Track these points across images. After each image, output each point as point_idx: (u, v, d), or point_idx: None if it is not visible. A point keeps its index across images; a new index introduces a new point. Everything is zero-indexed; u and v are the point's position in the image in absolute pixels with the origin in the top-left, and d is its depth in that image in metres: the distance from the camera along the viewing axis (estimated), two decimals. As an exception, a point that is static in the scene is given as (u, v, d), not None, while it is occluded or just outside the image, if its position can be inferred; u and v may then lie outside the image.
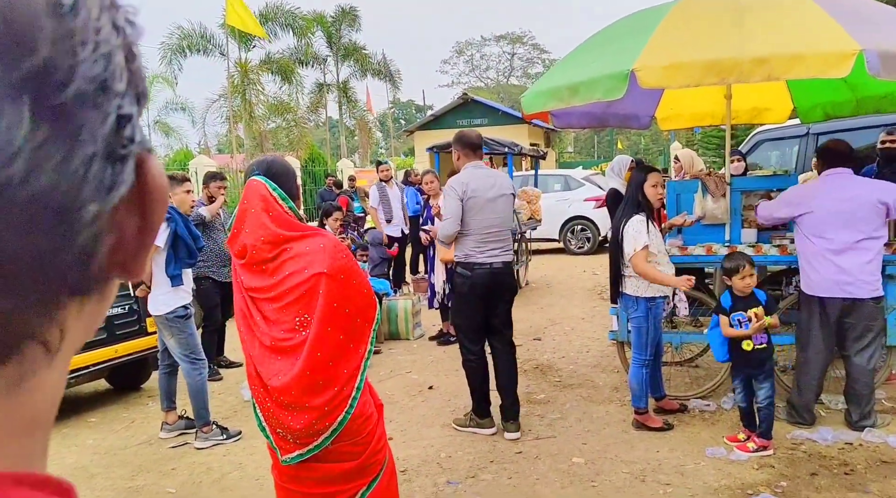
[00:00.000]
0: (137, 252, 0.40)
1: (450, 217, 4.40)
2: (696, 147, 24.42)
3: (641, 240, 4.21)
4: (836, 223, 4.12)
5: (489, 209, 4.41)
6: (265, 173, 2.66)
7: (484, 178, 4.47)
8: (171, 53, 21.02)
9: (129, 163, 0.38)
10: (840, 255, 4.11)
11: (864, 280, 4.09)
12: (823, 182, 4.28)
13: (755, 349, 4.08)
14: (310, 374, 2.56)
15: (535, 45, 58.23)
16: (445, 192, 4.52)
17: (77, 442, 4.91)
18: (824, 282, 4.18)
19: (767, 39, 3.70)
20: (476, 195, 4.37)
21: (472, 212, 4.39)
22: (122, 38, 0.37)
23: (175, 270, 4.61)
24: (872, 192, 4.09)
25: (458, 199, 4.37)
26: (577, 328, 7.64)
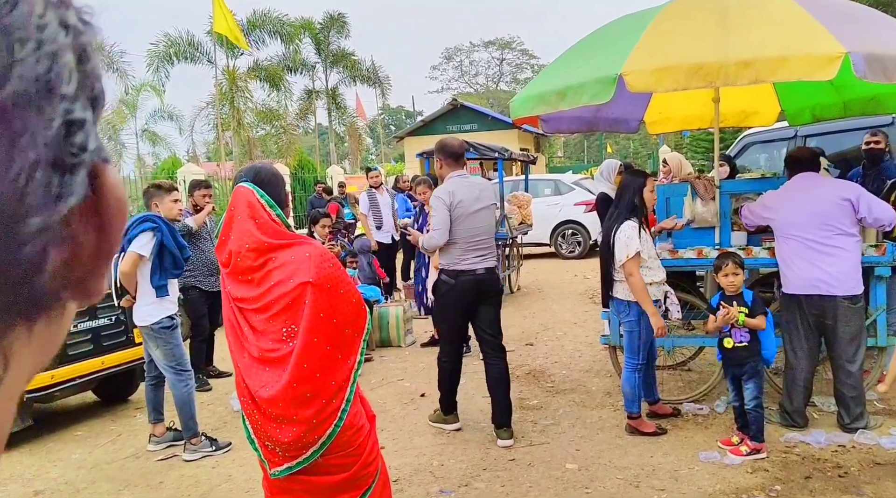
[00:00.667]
0: (95, 268, 0.37)
1: (439, 228, 4.41)
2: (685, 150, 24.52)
3: (633, 246, 4.19)
4: (807, 222, 4.21)
5: (474, 218, 4.45)
6: (253, 180, 2.63)
7: (469, 187, 4.50)
8: (158, 61, 20.91)
9: (80, 172, 0.35)
10: (814, 253, 4.19)
11: (838, 278, 4.13)
12: (792, 184, 4.41)
13: (735, 347, 4.09)
14: (296, 385, 2.52)
15: (523, 50, 58.42)
16: (433, 203, 4.53)
17: (62, 456, 4.83)
18: (800, 280, 4.24)
19: (752, 43, 3.70)
20: (462, 205, 4.40)
21: (459, 221, 4.41)
22: (74, 38, 0.35)
23: (160, 280, 4.55)
24: (834, 190, 4.25)
25: (446, 210, 4.39)
26: (569, 333, 7.61)
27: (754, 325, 4.03)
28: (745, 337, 4.06)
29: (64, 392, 5.30)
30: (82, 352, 5.29)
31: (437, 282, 4.66)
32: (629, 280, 4.22)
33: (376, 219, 9.67)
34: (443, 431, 4.79)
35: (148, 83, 26.15)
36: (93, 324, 5.39)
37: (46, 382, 4.99)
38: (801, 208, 4.20)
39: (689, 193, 5.22)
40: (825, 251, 4.13)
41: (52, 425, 5.47)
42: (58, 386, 5.11)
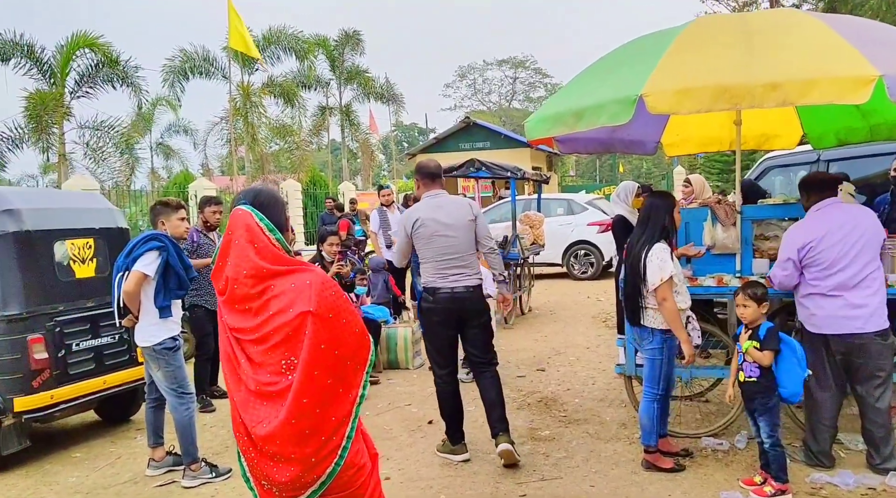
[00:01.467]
0: None
1: (395, 252, 4.75)
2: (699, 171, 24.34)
3: (668, 269, 4.03)
4: (842, 257, 3.96)
5: (444, 238, 4.48)
6: (252, 203, 2.49)
7: (437, 207, 4.56)
8: (173, 76, 21.03)
9: None
10: (848, 289, 3.94)
11: (868, 313, 3.92)
12: (820, 216, 4.12)
13: (746, 381, 3.91)
14: (295, 422, 2.36)
15: (537, 69, 58.56)
16: (398, 226, 4.79)
17: (59, 480, 4.69)
18: (829, 319, 4.00)
19: (780, 64, 3.55)
20: (424, 225, 4.50)
21: (422, 241, 4.51)
22: None
23: (164, 301, 4.43)
24: (870, 216, 4.07)
25: (405, 234, 4.59)
26: (581, 358, 7.42)
27: (757, 358, 3.84)
28: (755, 371, 3.87)
29: (64, 412, 5.18)
30: (84, 371, 5.17)
31: (420, 300, 4.77)
32: (662, 305, 4.04)
33: (386, 237, 9.56)
34: (451, 461, 4.62)
35: (164, 98, 26.34)
36: (95, 342, 5.27)
37: (46, 402, 4.88)
38: (840, 240, 3.96)
39: (709, 218, 5.06)
40: (859, 284, 3.93)
41: (51, 446, 5.33)
42: (58, 406, 4.99)
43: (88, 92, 17.88)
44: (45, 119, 16.65)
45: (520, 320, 9.74)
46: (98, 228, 5.50)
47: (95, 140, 17.78)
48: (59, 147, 17.36)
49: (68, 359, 5.05)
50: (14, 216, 4.89)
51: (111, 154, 18.04)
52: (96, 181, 14.65)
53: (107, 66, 17.68)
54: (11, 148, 17.25)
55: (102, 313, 5.18)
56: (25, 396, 4.76)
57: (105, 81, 17.95)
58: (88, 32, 17.21)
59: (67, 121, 17.49)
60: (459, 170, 9.19)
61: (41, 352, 4.85)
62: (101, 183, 15.93)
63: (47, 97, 16.68)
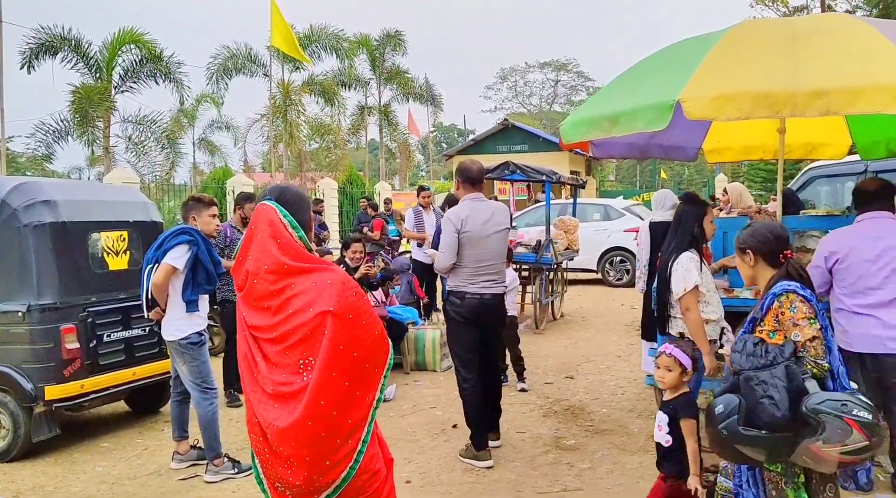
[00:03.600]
0: None
1: (444, 251, 4.58)
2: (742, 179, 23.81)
3: (692, 279, 3.90)
4: (875, 274, 3.77)
5: (483, 244, 4.54)
6: (277, 199, 2.47)
7: (481, 211, 4.58)
8: (217, 74, 21.36)
9: None
10: (881, 308, 3.76)
11: None
12: (856, 228, 3.95)
13: None
14: (311, 424, 2.33)
15: (579, 72, 58.00)
16: (443, 225, 4.68)
17: (86, 469, 4.76)
18: (864, 338, 3.82)
19: (825, 71, 3.40)
20: (471, 230, 4.52)
21: (467, 246, 4.51)
22: None
23: (192, 295, 4.46)
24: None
25: (454, 233, 4.50)
26: (612, 367, 7.29)
27: None
28: None
29: (94, 402, 5.27)
30: (114, 362, 5.24)
31: (446, 304, 4.74)
32: (686, 315, 3.91)
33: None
34: (473, 467, 4.56)
35: (207, 95, 26.78)
36: (126, 334, 5.34)
37: (77, 392, 4.96)
38: (872, 256, 3.78)
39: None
40: (893, 302, 3.76)
41: (80, 435, 5.42)
42: (88, 395, 5.07)
43: (132, 87, 18.28)
44: (91, 113, 17.04)
45: (551, 326, 9.62)
46: (132, 221, 5.58)
47: (137, 134, 18.20)
48: (103, 140, 17.76)
49: (99, 349, 5.12)
50: (51, 207, 4.98)
51: (152, 148, 18.42)
52: (137, 175, 14.94)
53: (150, 62, 18.03)
54: (57, 140, 17.71)
55: (134, 305, 5.23)
56: (57, 384, 4.84)
57: (148, 77, 18.32)
58: (134, 28, 17.59)
59: (112, 115, 17.88)
60: (494, 172, 9.12)
61: (73, 342, 4.93)
62: (141, 177, 16.27)
63: (93, 91, 17.06)
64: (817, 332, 2.54)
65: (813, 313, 2.58)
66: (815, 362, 2.51)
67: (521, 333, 7.16)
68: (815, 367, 2.50)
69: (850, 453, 2.30)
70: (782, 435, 2.39)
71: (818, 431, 2.33)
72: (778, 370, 2.44)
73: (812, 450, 2.35)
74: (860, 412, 2.33)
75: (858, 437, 2.28)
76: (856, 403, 2.36)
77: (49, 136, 17.66)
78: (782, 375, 2.42)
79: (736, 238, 3.04)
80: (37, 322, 4.82)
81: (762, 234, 2.87)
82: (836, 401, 2.37)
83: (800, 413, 2.37)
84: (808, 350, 2.52)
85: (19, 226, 4.86)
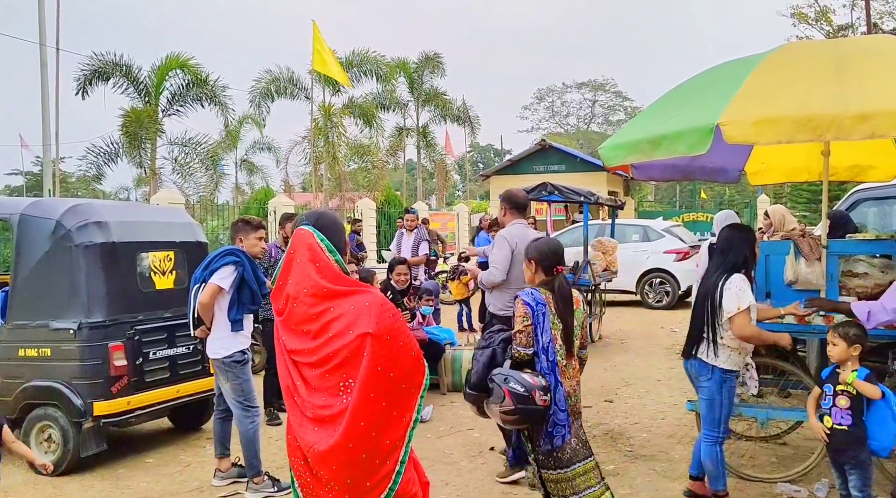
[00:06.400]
0: None
1: (498, 266, 4.70)
2: (785, 200, 23.34)
3: (746, 298, 3.87)
4: None
5: None
6: (314, 224, 2.56)
7: (529, 235, 4.69)
8: (259, 97, 21.88)
9: None
10: None
11: None
12: None
13: (833, 429, 3.65)
14: (352, 445, 2.37)
15: (616, 92, 57.82)
16: (497, 241, 4.83)
17: (131, 484, 4.87)
18: None
19: (872, 94, 3.35)
20: (521, 251, 4.57)
21: (517, 264, 4.57)
22: None
23: (237, 314, 4.56)
24: None
25: (508, 250, 4.64)
26: (652, 391, 7.18)
27: (866, 390, 3.55)
28: (847, 419, 3.61)
29: (139, 418, 5.38)
30: (159, 379, 5.37)
31: (490, 325, 4.68)
32: (740, 332, 3.84)
33: None
34: (511, 491, 4.53)
35: (250, 116, 27.40)
36: (171, 352, 5.47)
37: (123, 408, 5.08)
38: None
39: (791, 252, 4.81)
40: None
41: (126, 450, 5.54)
42: (134, 412, 5.19)
43: (179, 110, 18.87)
44: (139, 135, 17.61)
45: (589, 348, 9.48)
46: (179, 242, 5.74)
47: (183, 156, 18.73)
48: (151, 162, 18.31)
49: (145, 367, 5.25)
50: (103, 228, 5.15)
51: (197, 169, 18.92)
52: (182, 195, 15.33)
53: (196, 86, 18.61)
54: (107, 162, 18.33)
55: (179, 324, 5.36)
56: (105, 400, 4.97)
57: (194, 100, 18.90)
58: (181, 54, 18.17)
59: (159, 137, 18.45)
60: (532, 193, 9.12)
61: (121, 359, 5.06)
62: (186, 197, 16.69)
63: (142, 114, 17.65)
64: (524, 327, 3.36)
65: (527, 314, 3.37)
66: (517, 349, 3.36)
67: (559, 356, 7.11)
68: (517, 352, 3.35)
69: (507, 414, 3.21)
70: (478, 394, 3.35)
71: (491, 393, 3.28)
72: (487, 351, 3.40)
73: (488, 406, 3.30)
74: (515, 386, 3.20)
75: (508, 402, 3.19)
76: (515, 379, 3.23)
77: (100, 158, 18.30)
78: (487, 355, 3.39)
79: (526, 249, 3.71)
80: (86, 339, 4.97)
81: (543, 250, 3.57)
82: (502, 375, 3.26)
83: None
84: (515, 339, 3.37)
85: (71, 246, 5.03)
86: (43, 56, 12.83)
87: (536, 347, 3.34)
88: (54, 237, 5.07)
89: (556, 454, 3.34)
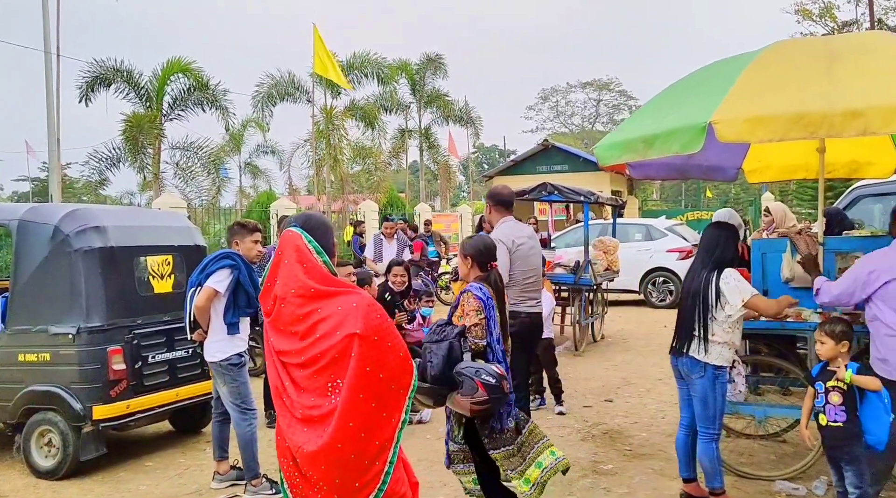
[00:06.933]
0: None
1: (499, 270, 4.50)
2: (791, 197, 23.24)
3: (748, 288, 3.92)
4: None
5: (528, 262, 4.77)
6: (302, 226, 2.57)
7: (521, 229, 4.86)
8: (262, 101, 21.95)
9: None
10: None
11: None
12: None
13: (827, 426, 3.64)
14: (340, 446, 2.38)
15: (621, 91, 57.75)
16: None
17: (130, 487, 4.88)
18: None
19: (863, 90, 3.33)
20: (519, 248, 4.70)
21: (518, 262, 4.68)
22: None
23: (233, 317, 4.57)
24: None
25: (506, 252, 4.59)
26: (653, 390, 7.17)
27: (863, 383, 3.55)
28: (841, 416, 3.60)
29: (138, 422, 5.39)
30: (158, 382, 5.38)
31: None
32: (767, 315, 4.03)
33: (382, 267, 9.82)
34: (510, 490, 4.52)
35: (253, 119, 27.48)
36: (170, 355, 5.48)
37: (122, 412, 5.10)
38: None
39: (787, 249, 4.80)
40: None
41: (126, 454, 5.56)
42: (133, 415, 5.21)
43: (180, 114, 18.96)
44: (141, 140, 17.68)
45: (591, 348, 9.52)
46: (177, 246, 5.76)
47: (184, 160, 18.80)
48: (153, 167, 18.38)
49: (144, 370, 5.27)
50: (101, 233, 5.17)
51: (198, 173, 18.99)
52: (184, 199, 15.39)
53: (198, 90, 18.67)
54: (109, 167, 18.41)
55: (178, 328, 5.38)
56: (104, 404, 4.99)
57: (195, 104, 18.96)
58: (182, 58, 18.25)
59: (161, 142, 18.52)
60: (531, 193, 9.12)
61: (119, 363, 5.08)
62: (188, 201, 16.75)
63: (143, 120, 17.72)
64: (479, 320, 3.48)
65: (480, 307, 3.50)
66: (474, 341, 3.44)
67: (559, 356, 7.11)
68: (474, 344, 3.43)
69: (478, 404, 3.25)
70: (439, 387, 3.33)
71: (460, 386, 3.28)
72: (443, 344, 3.37)
73: (455, 399, 3.31)
74: (487, 377, 3.28)
75: (482, 393, 3.25)
76: (486, 371, 3.31)
77: (102, 163, 18.39)
78: (445, 348, 3.35)
79: (461, 246, 3.87)
80: (85, 344, 4.99)
81: (477, 247, 3.76)
82: (472, 368, 3.32)
83: (453, 374, 3.30)
84: (472, 332, 3.45)
85: (70, 251, 5.05)
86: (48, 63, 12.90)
87: (489, 339, 3.49)
88: (53, 242, 5.10)
89: (505, 434, 3.50)
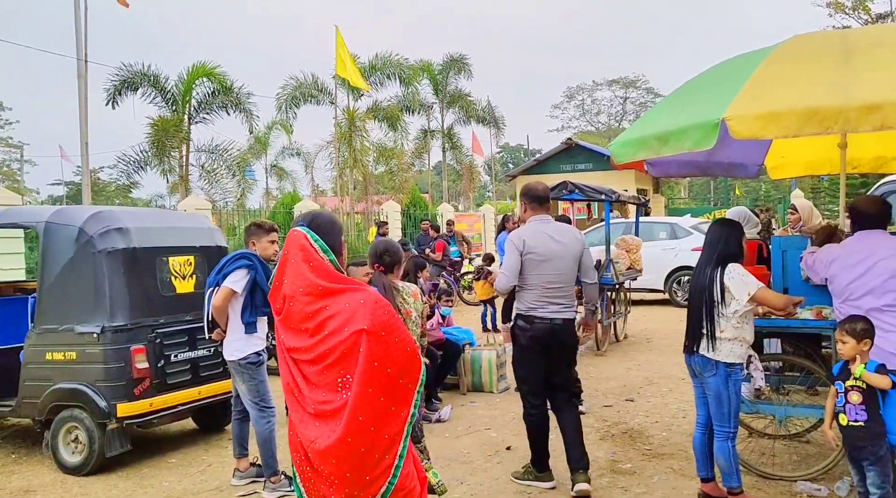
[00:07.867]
0: None
1: (506, 272, 4.48)
2: (823, 194, 22.81)
3: (753, 281, 3.89)
4: (858, 288, 3.82)
5: (549, 266, 4.40)
6: (309, 225, 2.60)
7: (546, 232, 4.48)
8: (286, 104, 22.17)
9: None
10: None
11: (889, 352, 3.64)
12: (848, 242, 4.04)
13: (848, 426, 3.59)
14: (351, 440, 2.41)
15: (648, 88, 57.12)
16: (506, 246, 4.56)
17: (154, 483, 4.98)
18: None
19: (881, 84, 3.27)
20: (534, 251, 4.40)
21: (530, 267, 4.40)
22: None
23: (250, 317, 4.64)
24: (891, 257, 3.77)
25: (516, 254, 4.40)
26: (675, 390, 7.10)
27: (875, 381, 3.50)
28: (862, 415, 3.54)
29: (162, 419, 5.49)
30: (181, 381, 5.47)
31: (514, 328, 4.60)
32: (775, 308, 3.97)
33: None
34: (526, 490, 4.53)
35: (279, 121, 27.75)
36: (192, 354, 5.57)
37: (146, 409, 5.20)
38: (853, 271, 3.83)
39: (809, 247, 4.73)
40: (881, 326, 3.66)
41: (150, 450, 5.67)
42: (156, 413, 5.30)
43: (205, 118, 19.23)
44: (167, 144, 17.97)
45: (613, 347, 9.46)
46: (198, 247, 5.85)
47: (210, 163, 19.08)
48: (179, 169, 18.67)
49: (167, 369, 5.36)
50: (124, 234, 5.28)
51: (223, 175, 19.25)
52: (208, 201, 15.61)
53: (222, 94, 18.93)
54: (136, 170, 18.77)
55: (199, 327, 5.41)
56: (128, 402, 5.09)
57: (220, 108, 19.24)
58: (207, 62, 18.51)
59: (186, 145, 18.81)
60: (552, 192, 9.07)
61: (143, 361, 5.18)
62: (213, 203, 16.98)
63: (169, 123, 18.02)
64: None
65: None
66: None
67: (581, 355, 7.06)
68: None
69: None
70: None
71: None
72: None
73: None
74: None
75: None
76: None
77: (130, 167, 18.72)
78: None
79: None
80: (109, 343, 5.10)
81: (374, 249, 4.15)
82: None
83: None
84: None
85: (94, 252, 5.17)
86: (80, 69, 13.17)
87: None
88: (77, 244, 5.22)
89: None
